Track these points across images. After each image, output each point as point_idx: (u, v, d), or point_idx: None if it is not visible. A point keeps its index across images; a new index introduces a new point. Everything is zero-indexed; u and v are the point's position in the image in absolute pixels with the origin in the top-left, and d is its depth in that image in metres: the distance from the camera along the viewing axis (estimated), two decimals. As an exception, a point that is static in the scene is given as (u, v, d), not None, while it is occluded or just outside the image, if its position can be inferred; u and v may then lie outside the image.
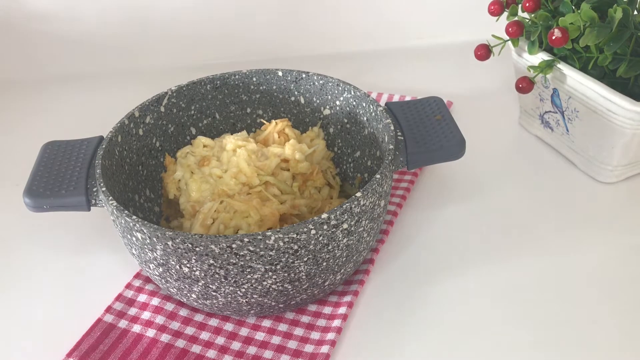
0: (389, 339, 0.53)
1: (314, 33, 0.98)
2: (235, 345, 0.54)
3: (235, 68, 0.69)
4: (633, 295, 0.55)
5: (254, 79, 0.67)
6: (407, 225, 0.64)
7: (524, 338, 0.52)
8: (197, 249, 0.47)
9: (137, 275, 0.61)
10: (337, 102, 0.65)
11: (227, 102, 0.68)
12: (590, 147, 0.66)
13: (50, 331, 0.57)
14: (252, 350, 0.53)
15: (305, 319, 0.55)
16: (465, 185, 0.69)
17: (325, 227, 0.48)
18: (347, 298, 0.56)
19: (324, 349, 0.52)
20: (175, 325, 0.56)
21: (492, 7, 0.69)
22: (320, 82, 0.65)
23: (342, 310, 0.55)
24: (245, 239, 0.46)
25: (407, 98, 0.82)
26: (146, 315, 0.57)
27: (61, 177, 0.57)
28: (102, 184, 0.53)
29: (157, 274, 0.52)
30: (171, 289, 0.53)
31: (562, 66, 0.64)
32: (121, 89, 0.95)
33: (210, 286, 0.50)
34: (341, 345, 0.53)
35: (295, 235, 0.47)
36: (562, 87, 0.66)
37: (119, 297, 0.59)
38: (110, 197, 0.51)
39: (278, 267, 0.48)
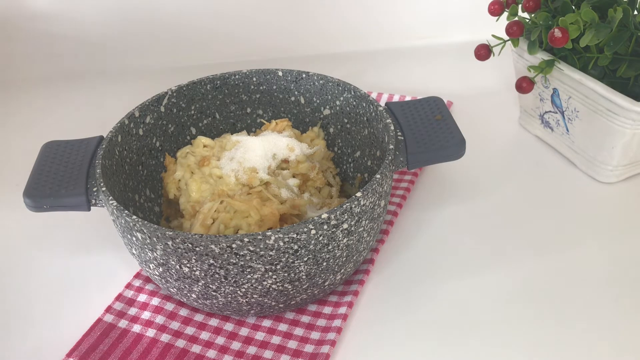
0: (389, 339, 0.53)
1: (314, 33, 0.98)
2: (235, 345, 0.54)
3: (235, 68, 0.69)
4: (633, 295, 0.55)
5: (254, 79, 0.67)
6: (407, 225, 0.64)
7: (524, 337, 0.52)
8: (197, 249, 0.47)
9: (137, 275, 0.61)
10: (337, 102, 0.65)
11: (227, 102, 0.68)
12: (590, 147, 0.66)
13: (50, 331, 0.57)
14: (252, 350, 0.53)
15: (305, 319, 0.55)
16: (465, 185, 0.69)
17: (325, 227, 0.48)
18: (347, 298, 0.56)
19: (324, 349, 0.52)
20: (175, 325, 0.56)
21: (492, 7, 0.69)
22: (320, 82, 0.65)
23: (342, 310, 0.55)
24: (245, 239, 0.46)
25: (407, 98, 0.82)
26: (146, 315, 0.57)
27: (61, 177, 0.57)
28: (102, 184, 0.53)
29: (157, 274, 0.52)
30: (171, 289, 0.53)
31: (563, 66, 0.64)
32: (121, 89, 0.95)
33: (210, 286, 0.50)
34: (341, 345, 0.53)
35: (295, 235, 0.47)
36: (562, 87, 0.66)
37: (119, 297, 0.59)
38: (110, 197, 0.51)
39: (278, 267, 0.48)
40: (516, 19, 0.67)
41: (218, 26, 0.98)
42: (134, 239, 0.50)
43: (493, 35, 0.69)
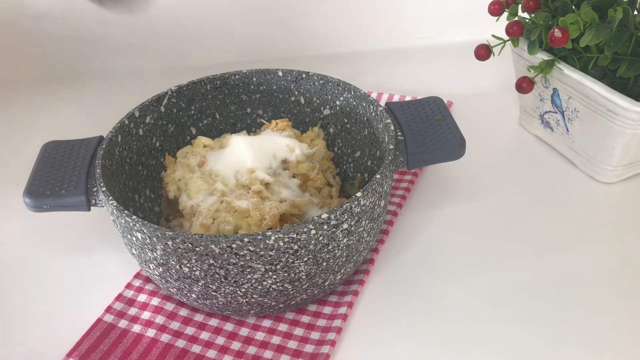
0: (389, 339, 0.53)
1: (314, 33, 0.98)
2: (235, 345, 0.54)
3: (235, 68, 0.69)
4: (633, 295, 0.55)
5: (254, 79, 0.67)
6: (407, 225, 0.64)
7: (524, 338, 0.52)
8: (197, 249, 0.47)
9: (137, 275, 0.61)
10: (337, 102, 0.65)
11: (227, 102, 0.68)
12: (590, 147, 0.66)
13: (50, 331, 0.57)
14: (252, 350, 0.53)
15: (305, 319, 0.55)
16: (465, 185, 0.69)
17: (325, 227, 0.48)
18: (347, 298, 0.56)
19: (324, 349, 0.52)
20: (175, 325, 0.56)
21: (492, 7, 0.69)
22: (320, 82, 0.65)
23: (342, 310, 0.55)
24: (245, 239, 0.46)
25: (407, 98, 0.82)
26: (146, 315, 0.57)
27: (61, 177, 0.57)
28: (102, 184, 0.53)
29: (157, 274, 0.52)
30: (171, 289, 0.54)
31: (562, 66, 0.64)
32: (121, 89, 0.95)
33: (210, 286, 0.50)
34: (341, 345, 0.53)
35: (295, 235, 0.47)
36: (562, 87, 0.66)
37: (119, 297, 0.59)
38: (110, 197, 0.51)
39: (278, 267, 0.48)
40: (516, 19, 0.67)
41: (218, 26, 0.98)
42: (134, 239, 0.50)
43: (493, 35, 0.69)
